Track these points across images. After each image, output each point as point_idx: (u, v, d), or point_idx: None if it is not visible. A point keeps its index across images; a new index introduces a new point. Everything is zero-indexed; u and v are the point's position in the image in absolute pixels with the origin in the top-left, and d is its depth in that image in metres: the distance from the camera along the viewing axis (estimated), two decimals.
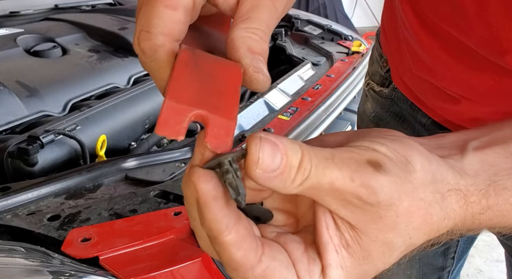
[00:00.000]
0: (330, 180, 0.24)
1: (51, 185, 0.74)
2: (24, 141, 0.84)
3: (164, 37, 0.26)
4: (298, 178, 0.24)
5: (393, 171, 0.25)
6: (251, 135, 0.24)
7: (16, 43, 1.20)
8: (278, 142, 0.24)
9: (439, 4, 0.47)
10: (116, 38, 1.32)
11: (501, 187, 0.29)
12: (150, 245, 0.61)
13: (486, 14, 0.41)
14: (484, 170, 0.29)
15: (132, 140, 1.06)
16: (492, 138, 0.31)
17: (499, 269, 1.87)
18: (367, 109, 0.75)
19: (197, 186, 0.24)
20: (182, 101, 0.25)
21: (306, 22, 1.83)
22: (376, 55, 0.71)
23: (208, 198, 0.24)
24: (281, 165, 0.24)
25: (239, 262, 0.25)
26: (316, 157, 0.24)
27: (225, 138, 0.25)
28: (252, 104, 1.09)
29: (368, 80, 0.74)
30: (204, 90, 0.26)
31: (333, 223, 0.27)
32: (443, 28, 0.48)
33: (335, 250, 0.26)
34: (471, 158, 0.29)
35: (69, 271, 0.56)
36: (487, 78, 0.47)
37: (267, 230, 0.29)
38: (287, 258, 0.27)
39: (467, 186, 0.28)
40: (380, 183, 0.25)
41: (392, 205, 0.25)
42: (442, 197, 0.27)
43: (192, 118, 0.25)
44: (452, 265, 0.82)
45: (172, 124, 0.24)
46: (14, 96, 0.97)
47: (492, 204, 0.29)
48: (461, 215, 0.28)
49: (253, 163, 0.23)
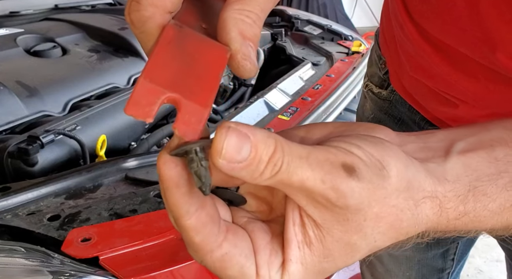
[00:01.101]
0: (300, 178, 0.24)
1: (51, 185, 0.74)
2: (24, 141, 0.84)
3: (154, 8, 0.26)
4: (267, 172, 0.24)
5: (366, 176, 0.25)
6: (221, 123, 0.24)
7: (16, 43, 1.20)
8: (250, 134, 0.23)
9: (431, 11, 0.47)
10: (116, 38, 1.32)
11: (480, 193, 0.28)
12: (150, 245, 0.61)
13: (478, 17, 0.41)
14: (466, 174, 0.28)
15: (132, 140, 1.07)
16: (479, 140, 0.30)
17: (499, 269, 1.87)
18: (365, 110, 0.75)
19: (161, 172, 0.24)
20: (157, 81, 0.24)
21: (306, 22, 1.83)
22: (375, 56, 0.71)
23: (171, 184, 0.24)
24: (248, 157, 0.23)
25: (198, 245, 0.26)
26: (290, 154, 0.24)
27: (196, 125, 0.25)
28: (252, 104, 1.09)
29: (367, 81, 0.74)
30: (182, 72, 0.25)
31: (300, 220, 0.27)
32: (436, 36, 0.48)
33: (298, 246, 0.27)
34: (454, 162, 0.29)
35: (69, 271, 0.56)
36: (482, 86, 0.47)
37: (239, 214, 0.29)
38: (249, 247, 0.27)
39: (445, 192, 0.28)
40: (350, 188, 0.25)
41: (361, 210, 0.25)
42: (416, 204, 0.27)
43: (164, 101, 0.24)
44: (451, 267, 0.82)
45: (143, 104, 0.23)
46: (14, 96, 0.97)
47: (469, 210, 0.28)
48: (434, 220, 0.28)
49: (216, 153, 0.23)
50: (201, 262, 0.27)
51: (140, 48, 1.29)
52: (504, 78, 0.44)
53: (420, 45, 0.51)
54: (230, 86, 1.50)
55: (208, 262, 0.27)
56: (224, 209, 0.29)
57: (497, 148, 0.30)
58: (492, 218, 0.29)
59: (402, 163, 0.27)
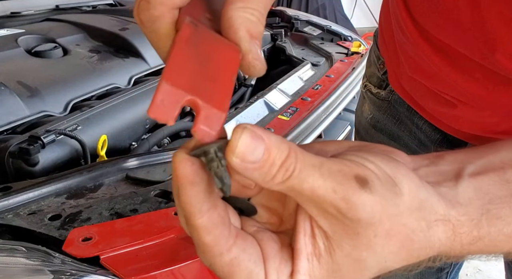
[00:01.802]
0: (311, 186, 0.24)
1: (52, 185, 0.75)
2: (25, 141, 0.84)
3: (163, 7, 0.26)
4: (278, 176, 0.24)
5: (379, 190, 0.25)
6: (239, 124, 0.24)
7: (17, 44, 1.20)
8: (264, 137, 0.24)
9: (432, 10, 0.47)
10: (117, 39, 1.33)
11: (494, 217, 0.28)
12: (151, 244, 0.61)
13: (479, 17, 0.41)
14: (478, 198, 0.28)
15: (133, 140, 1.07)
16: (489, 162, 0.30)
17: (497, 269, 1.88)
18: (364, 111, 0.75)
19: (177, 170, 0.24)
20: (178, 84, 0.24)
21: (306, 22, 1.84)
22: (373, 57, 0.71)
23: (185, 181, 0.24)
24: (261, 159, 0.24)
25: (208, 246, 0.25)
26: (303, 161, 0.24)
27: (214, 129, 0.25)
28: (252, 104, 1.09)
29: (366, 82, 0.74)
30: (199, 74, 0.26)
31: (310, 231, 0.27)
32: (436, 36, 0.48)
33: (307, 258, 0.27)
34: (466, 185, 0.28)
35: (70, 271, 0.56)
36: (481, 87, 0.47)
37: (248, 223, 0.29)
38: (258, 254, 0.27)
39: (458, 216, 0.27)
40: (362, 201, 0.25)
41: (372, 224, 0.25)
42: (428, 226, 0.27)
43: (184, 103, 0.24)
44: (450, 267, 0.82)
45: (166, 107, 0.24)
46: (15, 96, 0.97)
47: (483, 234, 0.28)
48: (447, 245, 0.28)
49: (230, 150, 0.23)
50: (210, 266, 0.27)
51: (140, 48, 1.29)
52: (503, 79, 0.44)
53: (420, 45, 0.51)
54: None
55: (217, 266, 0.26)
56: (234, 217, 0.28)
57: (508, 170, 0.30)
58: (508, 242, 0.29)
59: (415, 184, 0.26)
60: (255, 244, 0.27)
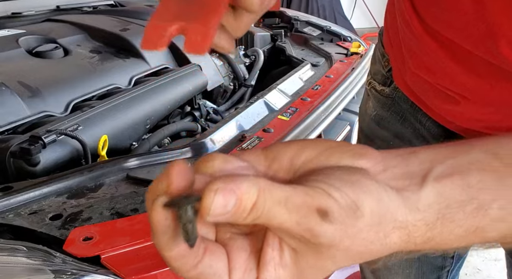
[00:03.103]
0: (278, 222, 0.27)
1: (53, 185, 0.75)
2: (26, 141, 0.84)
3: None
4: (249, 218, 0.26)
5: (339, 219, 0.27)
6: (210, 185, 0.25)
7: (18, 44, 1.20)
8: (236, 188, 0.26)
9: (437, 6, 0.47)
10: (118, 39, 1.33)
11: (448, 220, 0.30)
12: (151, 243, 0.61)
13: (483, 10, 0.41)
14: (438, 202, 0.30)
15: (133, 140, 1.07)
16: (457, 163, 0.31)
17: (497, 268, 1.88)
18: (368, 108, 0.76)
19: (151, 216, 0.27)
20: (163, 19, 0.28)
21: (306, 23, 1.84)
22: (378, 54, 0.72)
23: (158, 229, 0.27)
24: (233, 209, 0.26)
25: (175, 268, 0.29)
26: (270, 199, 0.26)
27: (202, 43, 0.27)
28: (252, 105, 1.10)
29: (370, 79, 0.74)
30: (187, 6, 0.29)
31: (279, 246, 0.29)
32: (441, 32, 0.48)
33: (274, 268, 0.29)
34: (429, 190, 0.30)
35: (71, 270, 0.56)
36: (484, 83, 0.47)
37: (224, 229, 0.31)
38: (224, 267, 0.29)
39: (415, 221, 0.29)
40: (323, 230, 0.27)
41: (333, 246, 0.28)
42: (385, 235, 0.29)
43: (174, 32, 0.28)
44: (451, 265, 0.82)
45: (155, 39, 0.28)
46: (16, 96, 0.98)
47: (435, 235, 0.30)
48: (402, 246, 0.30)
49: (205, 212, 0.25)
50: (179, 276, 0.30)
51: (141, 49, 1.30)
52: (507, 74, 0.44)
53: (425, 41, 0.51)
54: (230, 86, 1.51)
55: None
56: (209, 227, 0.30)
57: (473, 172, 0.31)
58: (457, 240, 0.31)
59: (376, 201, 0.28)
60: (223, 257, 0.30)
